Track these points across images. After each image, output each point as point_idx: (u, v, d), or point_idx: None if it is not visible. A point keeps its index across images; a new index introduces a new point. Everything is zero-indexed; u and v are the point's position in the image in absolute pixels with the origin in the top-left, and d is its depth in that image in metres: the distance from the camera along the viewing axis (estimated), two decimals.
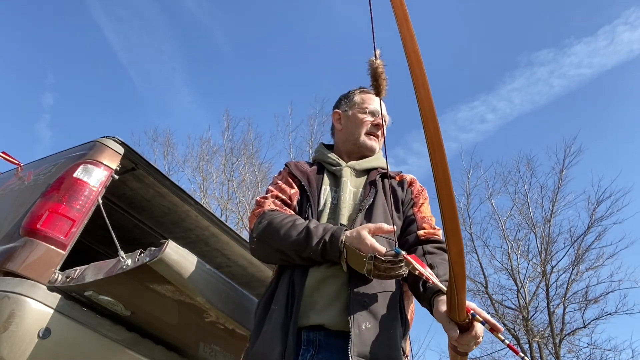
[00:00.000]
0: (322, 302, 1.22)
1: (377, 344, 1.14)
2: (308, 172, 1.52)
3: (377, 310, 1.19)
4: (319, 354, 1.16)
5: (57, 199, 1.86)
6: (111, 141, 2.06)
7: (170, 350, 2.02)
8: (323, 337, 1.18)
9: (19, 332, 1.55)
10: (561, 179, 12.01)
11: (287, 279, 1.27)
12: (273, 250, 1.31)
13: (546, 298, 11.36)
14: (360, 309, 1.17)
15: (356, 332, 1.13)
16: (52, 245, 1.77)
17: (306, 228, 1.26)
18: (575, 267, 11.29)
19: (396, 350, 1.16)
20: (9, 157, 2.44)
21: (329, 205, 1.41)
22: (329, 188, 1.46)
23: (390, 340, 1.16)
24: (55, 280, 1.71)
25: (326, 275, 1.25)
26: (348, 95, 1.68)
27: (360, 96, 1.65)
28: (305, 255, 1.24)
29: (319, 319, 1.19)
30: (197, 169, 13.60)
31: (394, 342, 1.17)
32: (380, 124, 1.59)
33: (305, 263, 1.27)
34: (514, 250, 12.18)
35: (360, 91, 1.67)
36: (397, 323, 1.22)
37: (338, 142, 1.65)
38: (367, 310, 1.18)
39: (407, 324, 1.29)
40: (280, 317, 1.19)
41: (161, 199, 2.54)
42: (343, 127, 1.63)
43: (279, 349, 1.14)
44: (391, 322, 1.20)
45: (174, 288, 1.62)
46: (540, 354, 10.96)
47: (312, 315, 1.20)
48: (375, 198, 1.40)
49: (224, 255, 2.94)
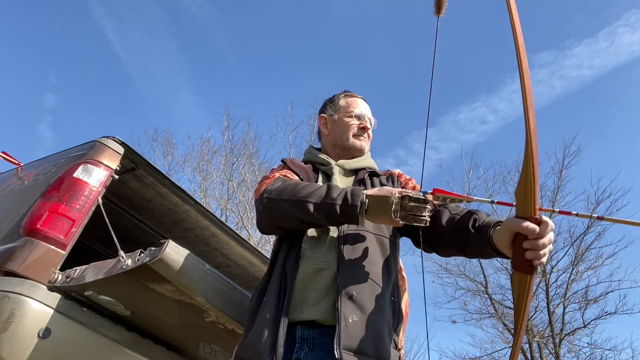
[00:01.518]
0: (314, 296, 1.23)
1: (364, 337, 1.14)
2: (305, 167, 1.54)
3: (365, 303, 1.19)
4: (313, 352, 1.17)
5: (57, 199, 1.86)
6: (111, 141, 2.06)
7: (170, 350, 2.02)
8: (317, 335, 1.19)
9: (19, 332, 1.55)
10: (561, 179, 12.01)
11: (279, 271, 1.28)
12: (287, 206, 1.25)
13: (546, 298, 11.35)
14: (348, 302, 1.18)
15: (342, 326, 1.14)
16: (52, 245, 1.77)
17: (326, 185, 1.27)
18: (575, 267, 11.29)
19: (384, 342, 1.16)
20: (9, 157, 2.44)
21: None
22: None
23: (378, 333, 1.16)
24: (55, 280, 1.71)
25: (317, 269, 1.26)
26: (333, 99, 1.70)
27: (345, 100, 1.67)
28: (323, 208, 1.20)
29: (311, 314, 1.20)
30: (197, 169, 13.61)
31: (382, 334, 1.17)
32: (366, 127, 1.62)
33: (318, 223, 1.24)
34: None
35: (345, 95, 1.69)
36: (388, 316, 1.22)
37: (326, 145, 1.67)
38: (355, 303, 1.18)
39: (401, 317, 1.28)
40: (271, 309, 1.21)
41: (161, 199, 2.54)
42: (330, 131, 1.65)
43: (269, 341, 1.15)
44: (380, 315, 1.20)
45: (174, 288, 1.62)
46: (540, 354, 10.96)
47: (305, 309, 1.21)
48: None
49: (224, 255, 2.94)
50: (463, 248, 1.24)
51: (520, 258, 1.00)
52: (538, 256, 0.98)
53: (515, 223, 1.00)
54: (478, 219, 1.20)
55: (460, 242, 1.23)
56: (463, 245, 1.23)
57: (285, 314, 1.19)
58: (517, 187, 1.00)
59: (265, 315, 1.21)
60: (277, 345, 1.14)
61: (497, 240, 1.08)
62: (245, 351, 1.20)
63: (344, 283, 1.21)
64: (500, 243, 1.06)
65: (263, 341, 1.16)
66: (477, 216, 1.21)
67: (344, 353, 1.11)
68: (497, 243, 1.08)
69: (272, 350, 1.14)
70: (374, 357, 1.14)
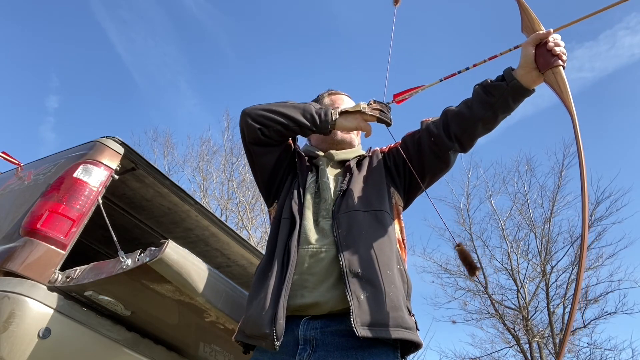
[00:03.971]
0: (314, 279, 1.24)
1: (380, 310, 1.15)
2: (304, 157, 1.56)
3: (372, 278, 1.20)
4: (316, 353, 1.17)
5: (57, 199, 1.86)
6: (111, 141, 2.06)
7: (170, 350, 2.02)
8: (319, 335, 1.19)
9: (19, 332, 1.55)
10: (561, 179, 12.02)
11: (280, 251, 1.30)
12: (265, 110, 1.44)
13: (546, 298, 11.36)
14: (356, 281, 1.19)
15: (356, 304, 1.14)
16: (52, 245, 1.77)
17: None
18: (575, 267, 11.27)
19: (399, 310, 1.17)
20: (9, 157, 2.44)
21: (313, 186, 1.46)
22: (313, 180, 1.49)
23: (393, 303, 1.17)
24: (55, 280, 1.71)
25: (314, 252, 1.27)
26: (317, 99, 1.72)
27: (330, 98, 1.69)
28: (298, 106, 1.44)
29: (313, 296, 1.22)
30: (197, 169, 13.61)
31: (397, 303, 1.18)
32: None
33: (295, 124, 1.42)
34: (514, 250, 12.18)
35: (330, 93, 1.71)
36: (399, 284, 1.24)
37: (315, 145, 1.67)
38: (362, 280, 1.19)
39: (409, 282, 1.30)
40: (273, 286, 1.23)
41: (161, 199, 2.54)
42: None
43: (270, 313, 1.17)
44: (391, 285, 1.21)
45: (174, 288, 1.62)
46: (540, 354, 10.97)
47: (305, 293, 1.23)
48: (350, 180, 1.43)
49: (224, 255, 2.94)
50: (486, 111, 1.34)
51: (548, 58, 1.24)
52: (559, 45, 1.25)
53: (533, 37, 1.28)
54: (484, 85, 1.36)
55: (480, 107, 1.34)
56: (485, 108, 1.34)
57: (287, 288, 1.20)
58: (522, 24, 1.34)
59: (266, 291, 1.22)
60: (277, 317, 1.15)
61: (522, 66, 1.29)
62: (246, 324, 1.24)
63: (348, 263, 1.21)
64: (527, 65, 1.27)
65: (264, 314, 1.18)
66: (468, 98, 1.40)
67: (364, 329, 1.11)
68: (523, 67, 1.28)
69: (272, 321, 1.15)
70: (394, 326, 1.14)
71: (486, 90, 1.33)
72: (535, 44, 1.27)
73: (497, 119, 1.36)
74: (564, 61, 1.24)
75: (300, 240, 1.30)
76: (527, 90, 1.30)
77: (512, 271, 11.99)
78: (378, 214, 1.35)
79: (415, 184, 1.47)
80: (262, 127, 1.43)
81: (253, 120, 1.45)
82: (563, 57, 1.24)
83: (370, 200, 1.38)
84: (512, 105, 1.33)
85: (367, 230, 1.30)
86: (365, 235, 1.29)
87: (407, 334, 1.15)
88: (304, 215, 1.35)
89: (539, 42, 1.27)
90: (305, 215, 1.35)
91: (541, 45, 1.27)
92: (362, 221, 1.32)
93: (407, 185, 1.48)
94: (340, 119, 1.42)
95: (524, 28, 1.33)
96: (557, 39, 1.26)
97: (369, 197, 1.38)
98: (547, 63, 1.24)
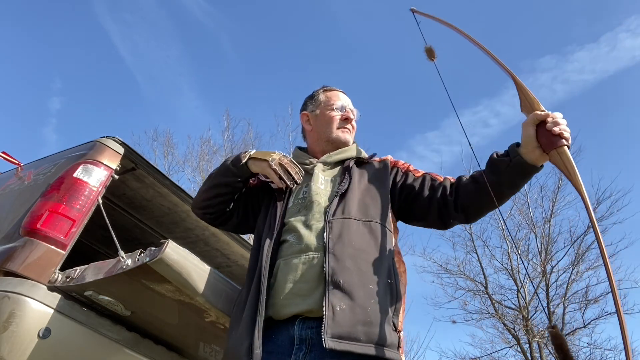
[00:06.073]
0: (306, 287, 1.23)
1: (354, 323, 1.13)
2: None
3: (353, 290, 1.18)
4: (312, 352, 1.16)
5: (57, 199, 1.86)
6: (111, 141, 2.06)
7: (170, 350, 2.02)
8: (315, 335, 1.18)
9: (19, 332, 1.55)
10: (561, 179, 11.96)
11: (259, 271, 1.30)
12: (198, 196, 1.59)
13: (546, 298, 11.35)
14: (336, 291, 1.18)
15: (330, 315, 1.13)
16: (52, 245, 1.77)
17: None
18: (575, 267, 11.26)
19: (376, 326, 1.15)
20: (9, 157, 2.44)
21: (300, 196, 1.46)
22: (303, 186, 1.49)
23: (369, 318, 1.15)
24: (55, 280, 1.71)
25: (306, 260, 1.27)
26: (313, 96, 1.71)
27: (325, 94, 1.68)
28: (218, 169, 1.55)
29: (307, 304, 1.21)
30: (197, 169, 13.58)
31: (374, 319, 1.16)
32: (349, 117, 1.64)
33: (219, 182, 1.52)
34: (514, 250, 12.17)
35: (324, 90, 1.71)
36: (383, 299, 1.21)
37: (311, 143, 1.68)
38: (343, 291, 1.18)
39: (399, 297, 1.26)
40: (249, 312, 1.23)
41: (161, 199, 2.54)
42: (313, 127, 1.66)
43: (246, 344, 1.16)
44: (371, 299, 1.19)
45: (174, 288, 1.62)
46: (540, 354, 10.96)
47: (299, 302, 1.22)
48: (350, 183, 1.42)
49: (224, 255, 2.94)
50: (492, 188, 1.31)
51: (550, 138, 1.22)
52: (561, 124, 1.21)
53: (531, 117, 1.25)
54: (490, 160, 1.36)
55: (487, 184, 1.32)
56: (491, 186, 1.31)
57: (261, 315, 1.20)
58: (520, 103, 1.31)
59: (244, 319, 1.22)
60: (253, 347, 1.14)
61: (524, 145, 1.27)
62: (226, 356, 1.24)
63: (331, 272, 1.20)
64: (528, 145, 1.25)
65: (241, 344, 1.18)
66: (478, 171, 1.39)
67: (332, 341, 1.09)
68: (525, 146, 1.26)
69: (248, 352, 1.14)
70: (366, 342, 1.12)
71: (492, 169, 1.33)
72: (535, 124, 1.25)
73: (503, 196, 1.34)
74: (567, 139, 1.21)
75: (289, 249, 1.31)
76: (532, 167, 1.28)
77: (512, 271, 11.99)
78: (373, 226, 1.34)
79: (405, 215, 1.49)
80: (206, 210, 1.58)
81: (198, 209, 1.60)
82: (565, 135, 1.20)
83: (368, 210, 1.36)
84: (519, 183, 1.32)
85: (357, 241, 1.28)
86: (355, 245, 1.27)
87: (379, 351, 1.12)
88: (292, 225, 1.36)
89: (538, 122, 1.25)
90: (292, 225, 1.36)
91: (542, 124, 1.25)
92: (355, 231, 1.30)
93: (398, 211, 1.48)
94: (250, 161, 1.50)
95: (523, 107, 1.30)
96: (556, 118, 1.22)
97: (367, 207, 1.37)
98: (550, 143, 1.22)
